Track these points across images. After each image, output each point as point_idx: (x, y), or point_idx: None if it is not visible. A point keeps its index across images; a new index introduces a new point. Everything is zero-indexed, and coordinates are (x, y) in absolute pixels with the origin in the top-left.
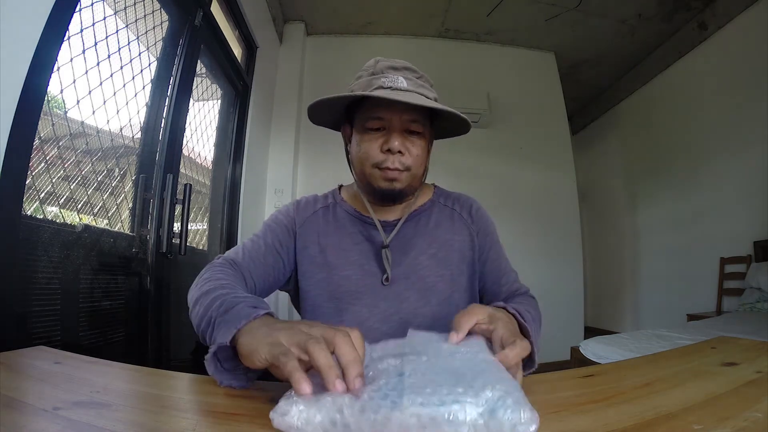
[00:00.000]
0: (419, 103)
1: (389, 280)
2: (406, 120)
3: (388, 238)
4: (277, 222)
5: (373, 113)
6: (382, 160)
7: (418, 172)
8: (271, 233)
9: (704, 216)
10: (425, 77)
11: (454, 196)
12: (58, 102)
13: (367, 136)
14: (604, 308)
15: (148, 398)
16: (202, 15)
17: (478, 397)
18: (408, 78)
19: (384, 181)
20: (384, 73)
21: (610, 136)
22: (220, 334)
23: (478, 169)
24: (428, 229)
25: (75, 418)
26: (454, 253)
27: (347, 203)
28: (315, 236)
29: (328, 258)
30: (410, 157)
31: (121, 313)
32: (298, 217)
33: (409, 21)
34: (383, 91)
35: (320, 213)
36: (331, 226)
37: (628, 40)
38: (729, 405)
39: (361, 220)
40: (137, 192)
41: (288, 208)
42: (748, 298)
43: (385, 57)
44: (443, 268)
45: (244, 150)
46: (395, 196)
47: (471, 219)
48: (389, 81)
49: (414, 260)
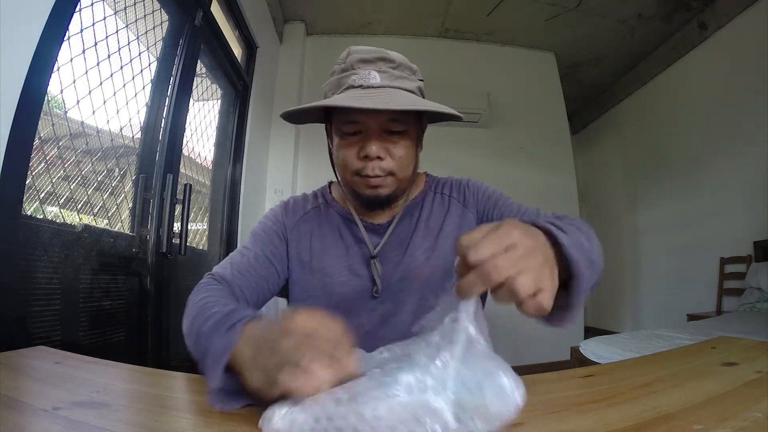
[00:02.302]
0: (388, 107)
1: (379, 292)
2: (384, 120)
3: (377, 247)
4: (266, 230)
5: (347, 117)
6: (361, 168)
7: (405, 173)
8: (261, 243)
9: (704, 216)
10: (404, 64)
11: (443, 181)
12: (58, 102)
13: (344, 142)
14: (604, 308)
15: (148, 398)
16: (202, 15)
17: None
18: (382, 71)
19: (367, 189)
20: (354, 68)
21: (610, 136)
22: (210, 378)
23: (477, 169)
24: (422, 221)
25: (75, 418)
26: (444, 239)
27: (338, 203)
28: (307, 240)
29: (322, 264)
30: (392, 160)
31: (121, 313)
32: (287, 220)
33: (409, 21)
34: (352, 92)
35: (311, 214)
36: (323, 229)
37: (628, 40)
38: (729, 405)
39: (353, 222)
40: (137, 192)
41: (276, 212)
42: (748, 298)
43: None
44: (436, 257)
45: (244, 150)
46: (382, 203)
47: (462, 197)
48: (360, 78)
49: (410, 258)
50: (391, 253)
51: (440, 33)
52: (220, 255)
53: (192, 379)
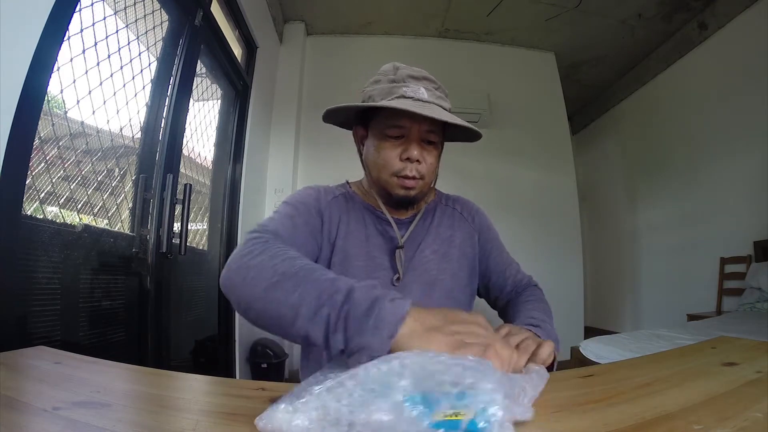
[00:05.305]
0: (445, 119)
1: (400, 280)
2: (424, 130)
3: (402, 239)
4: (306, 203)
5: (395, 121)
6: (401, 169)
7: (431, 179)
8: (303, 214)
9: (704, 216)
10: (442, 88)
11: (453, 198)
12: (58, 102)
13: (386, 144)
14: (604, 308)
15: (148, 398)
16: (202, 15)
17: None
18: (428, 89)
19: (401, 189)
20: (405, 81)
21: (610, 136)
22: (366, 339)
23: (477, 169)
24: (433, 226)
25: (75, 418)
26: (455, 248)
27: (361, 198)
28: (336, 221)
29: (347, 246)
30: (425, 165)
31: (121, 313)
32: (323, 199)
33: (409, 21)
34: (408, 102)
35: (340, 200)
36: (352, 215)
37: (628, 40)
38: (729, 405)
39: (376, 215)
40: (137, 192)
41: (310, 191)
42: (748, 298)
43: (404, 63)
44: (445, 262)
45: (244, 150)
46: (409, 203)
47: (471, 219)
48: (411, 91)
49: (420, 254)
50: (407, 248)
51: (440, 33)
52: (220, 255)
53: (192, 379)
